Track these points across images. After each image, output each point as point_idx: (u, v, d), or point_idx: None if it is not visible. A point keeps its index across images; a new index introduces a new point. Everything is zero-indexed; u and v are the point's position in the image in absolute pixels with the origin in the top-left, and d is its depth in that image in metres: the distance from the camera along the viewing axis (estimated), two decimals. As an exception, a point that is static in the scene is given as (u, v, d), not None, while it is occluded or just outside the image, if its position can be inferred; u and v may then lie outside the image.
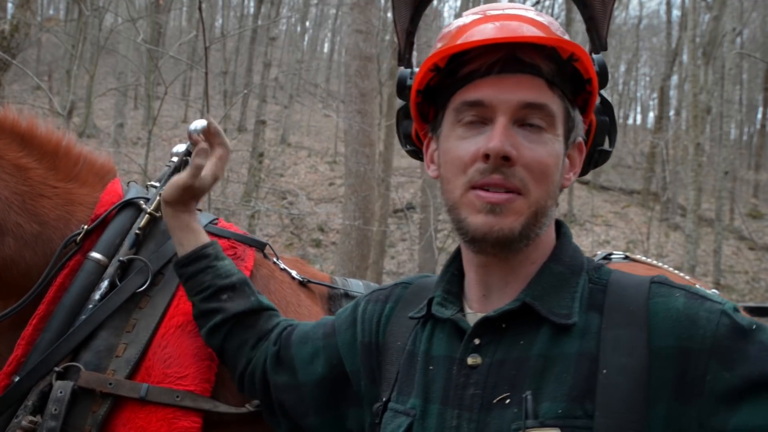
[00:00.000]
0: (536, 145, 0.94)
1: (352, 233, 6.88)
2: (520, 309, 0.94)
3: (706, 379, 0.84)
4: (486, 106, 0.94)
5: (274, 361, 1.23)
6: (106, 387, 1.23)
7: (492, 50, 0.94)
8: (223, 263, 1.31)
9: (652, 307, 0.90)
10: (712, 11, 14.44)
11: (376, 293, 1.21)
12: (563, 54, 0.96)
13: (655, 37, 32.21)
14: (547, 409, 0.86)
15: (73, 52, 9.63)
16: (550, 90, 0.95)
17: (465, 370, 0.94)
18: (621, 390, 0.85)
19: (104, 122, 18.81)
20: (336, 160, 19.47)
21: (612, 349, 0.88)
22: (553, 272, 0.98)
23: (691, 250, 11.86)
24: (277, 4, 17.25)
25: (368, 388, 1.13)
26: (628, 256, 1.59)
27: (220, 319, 1.26)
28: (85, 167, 1.48)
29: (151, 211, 1.43)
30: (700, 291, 0.92)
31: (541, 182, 0.94)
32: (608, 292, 0.95)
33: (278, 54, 25.59)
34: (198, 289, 1.28)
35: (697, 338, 0.85)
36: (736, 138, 25.15)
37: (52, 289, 1.32)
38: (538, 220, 0.95)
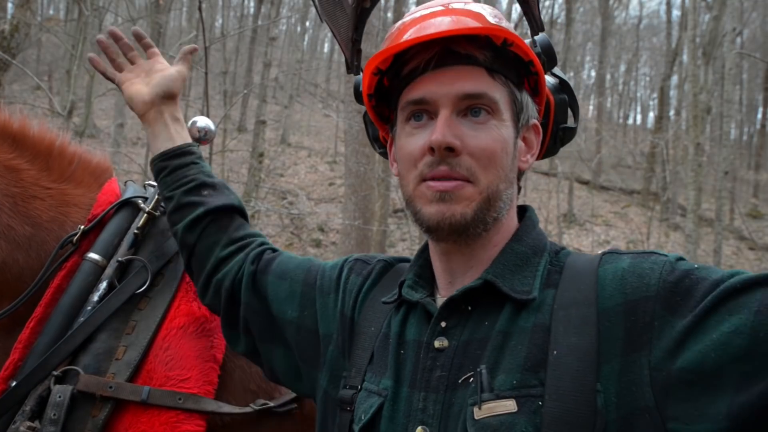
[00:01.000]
0: (480, 133, 0.96)
1: (352, 233, 6.87)
2: (483, 287, 0.96)
3: (654, 325, 0.83)
4: (428, 102, 0.97)
5: (250, 280, 1.22)
6: (106, 390, 1.21)
7: (428, 47, 0.96)
8: (205, 164, 1.36)
9: (600, 274, 0.92)
10: (712, 11, 14.43)
11: (360, 263, 1.21)
12: (497, 41, 0.97)
13: (655, 37, 32.22)
14: (502, 381, 0.88)
15: (73, 52, 9.63)
16: (491, 77, 0.97)
17: (432, 353, 0.96)
18: (570, 371, 0.85)
19: (104, 122, 18.81)
20: (336, 160, 19.47)
21: (564, 329, 0.89)
22: (515, 252, 1.00)
23: (691, 250, 11.85)
24: (277, 4, 17.25)
25: (333, 356, 1.13)
26: None
27: (201, 212, 1.27)
28: (79, 167, 1.46)
29: (150, 210, 1.41)
30: (648, 251, 0.93)
31: (488, 168, 0.96)
32: (564, 272, 0.97)
33: (278, 54, 25.60)
34: (182, 181, 1.30)
35: (641, 288, 0.86)
36: (736, 138, 25.17)
37: (50, 291, 1.30)
38: (492, 204, 0.97)
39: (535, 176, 19.56)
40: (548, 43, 1.09)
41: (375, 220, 8.40)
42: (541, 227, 1.10)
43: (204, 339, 1.31)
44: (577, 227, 17.42)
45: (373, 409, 0.98)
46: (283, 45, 29.82)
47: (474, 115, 0.96)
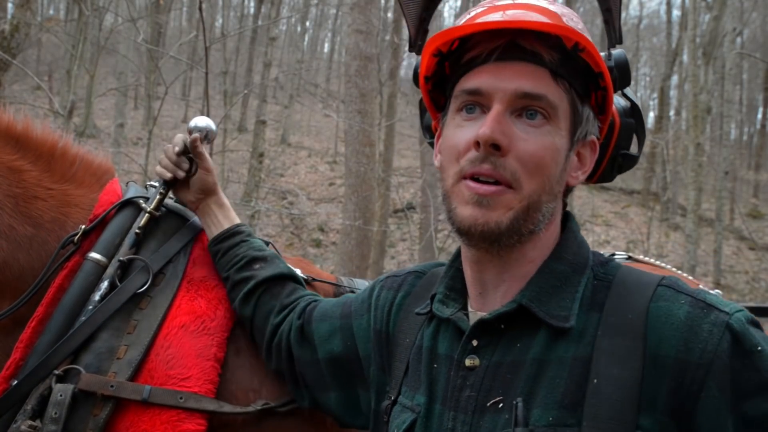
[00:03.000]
0: (532, 137, 0.90)
1: (352, 233, 6.87)
2: (517, 311, 0.91)
3: (700, 396, 0.81)
4: (483, 94, 0.91)
5: (298, 334, 1.25)
6: (107, 389, 1.21)
7: (494, 37, 0.91)
8: (256, 240, 1.42)
9: (652, 311, 0.86)
10: (712, 11, 14.43)
11: (390, 279, 1.20)
12: (567, 43, 0.91)
13: (655, 37, 32.21)
14: (538, 416, 0.84)
15: (73, 52, 9.63)
16: (554, 81, 0.91)
17: (462, 372, 0.93)
18: (610, 401, 0.82)
19: (104, 122, 18.81)
20: (336, 160, 19.46)
21: (606, 359, 0.85)
22: (554, 271, 0.94)
23: (691, 250, 11.85)
24: (277, 4, 17.24)
25: (376, 375, 1.13)
26: (631, 257, 1.57)
27: (252, 285, 1.32)
28: (81, 168, 1.47)
29: (151, 210, 1.42)
30: (708, 298, 0.87)
31: (534, 176, 0.90)
32: (612, 291, 0.91)
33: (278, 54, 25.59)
34: (233, 261, 1.36)
35: (696, 352, 0.82)
36: (736, 138, 25.17)
37: (51, 291, 1.30)
38: (530, 215, 0.91)
39: (535, 176, 19.52)
40: (625, 60, 1.02)
41: (375, 220, 8.40)
42: None
43: (205, 337, 1.30)
44: (577, 227, 17.40)
45: (406, 425, 0.97)
46: (283, 45, 29.80)
47: (529, 117, 0.91)
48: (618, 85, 1.03)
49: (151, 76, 11.82)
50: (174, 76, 11.62)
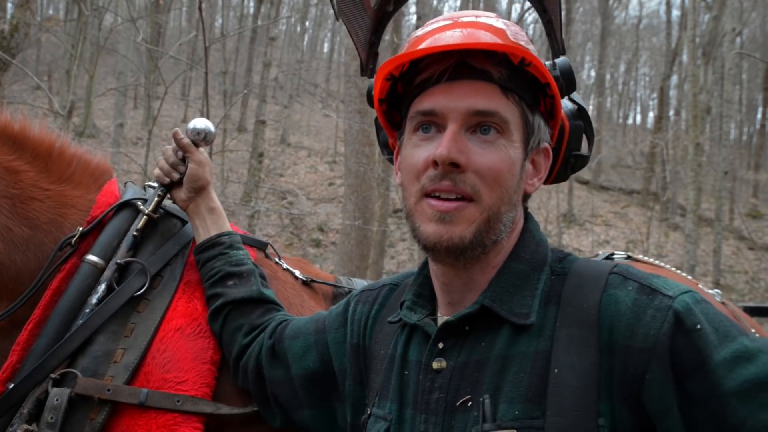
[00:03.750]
0: (488, 152, 0.93)
1: (351, 233, 6.87)
2: (479, 312, 0.94)
3: (645, 378, 0.83)
4: (437, 114, 0.95)
5: (269, 354, 1.25)
6: (104, 393, 1.20)
7: (444, 58, 0.94)
8: (236, 252, 1.40)
9: (604, 301, 0.89)
10: (712, 11, 14.43)
11: (365, 293, 1.21)
12: (514, 59, 0.95)
13: (655, 37, 32.21)
14: (504, 411, 0.87)
15: (73, 52, 9.62)
16: (504, 95, 0.95)
17: (431, 375, 0.95)
18: (571, 389, 0.85)
19: (104, 122, 18.81)
20: (336, 160, 19.46)
21: (564, 349, 0.88)
22: (513, 271, 0.97)
23: (690, 250, 11.85)
24: (277, 4, 17.25)
25: (352, 389, 1.14)
26: (630, 256, 1.57)
27: (220, 303, 1.33)
28: (79, 168, 1.45)
29: (149, 212, 1.41)
30: (654, 283, 0.90)
31: (493, 188, 0.93)
32: (567, 282, 0.95)
33: (278, 54, 25.60)
34: (209, 274, 1.37)
35: (640, 336, 0.85)
36: (735, 138, 25.17)
37: (48, 293, 1.30)
38: (492, 226, 0.94)
39: (534, 176, 19.53)
40: (568, 68, 1.06)
41: (375, 220, 8.40)
42: (541, 227, 1.08)
43: (201, 340, 1.30)
44: (576, 227, 17.42)
45: None
46: (283, 45, 29.80)
47: (483, 132, 0.94)
48: (564, 91, 1.07)
49: (150, 76, 11.81)
50: (174, 76, 11.62)
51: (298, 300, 1.50)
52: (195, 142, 1.43)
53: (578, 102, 1.13)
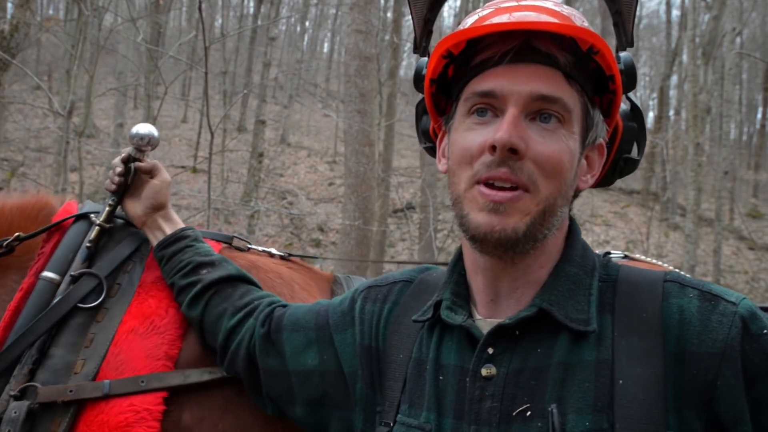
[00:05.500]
0: (548, 140, 0.88)
1: (351, 233, 6.86)
2: (537, 315, 0.89)
3: (717, 384, 0.82)
4: (497, 96, 0.89)
5: (264, 342, 1.19)
6: (66, 395, 1.18)
7: (507, 39, 0.89)
8: (202, 245, 1.36)
9: (665, 310, 0.87)
10: (712, 11, 14.43)
11: (373, 290, 1.14)
12: (582, 46, 0.89)
13: (655, 37, 32.22)
14: (574, 422, 0.83)
15: (73, 52, 9.62)
16: (568, 84, 0.90)
17: (480, 382, 0.89)
18: (638, 401, 0.82)
19: (104, 122, 18.80)
20: (336, 160, 19.45)
21: (627, 359, 0.85)
22: (568, 274, 0.93)
23: (690, 250, 11.84)
24: (277, 4, 17.24)
25: (363, 392, 1.07)
26: (627, 255, 1.57)
27: (199, 288, 1.27)
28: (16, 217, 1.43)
29: (101, 222, 1.40)
30: (714, 289, 0.88)
31: (551, 179, 0.88)
32: (618, 290, 0.91)
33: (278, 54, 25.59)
34: (177, 267, 1.31)
35: (708, 342, 0.83)
36: (735, 138, 25.15)
37: (7, 314, 1.29)
38: (546, 219, 0.89)
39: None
40: (632, 63, 1.00)
41: (375, 220, 8.39)
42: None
43: (155, 337, 1.28)
44: (576, 227, 17.40)
45: None
46: (283, 45, 29.79)
47: (543, 120, 0.89)
48: (625, 87, 1.01)
49: (150, 76, 11.82)
50: (173, 76, 11.62)
51: (286, 290, 1.45)
52: (140, 148, 1.42)
53: (634, 102, 1.07)
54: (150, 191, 1.40)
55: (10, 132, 14.96)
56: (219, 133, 13.47)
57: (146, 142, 1.42)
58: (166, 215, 1.41)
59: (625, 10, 1.01)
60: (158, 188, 1.40)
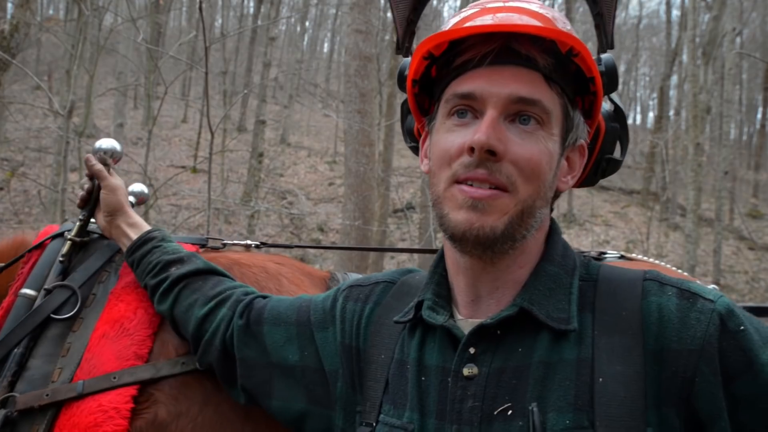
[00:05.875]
0: (527, 142, 0.89)
1: (351, 233, 6.86)
2: (517, 314, 0.90)
3: (695, 381, 0.83)
4: (476, 98, 0.90)
5: (242, 334, 1.18)
6: (43, 399, 1.21)
7: (488, 40, 0.90)
8: (170, 243, 1.37)
9: (644, 308, 0.88)
10: (712, 11, 14.43)
11: (355, 290, 1.14)
12: (562, 48, 0.90)
13: (655, 37, 32.21)
14: (554, 420, 0.83)
15: (73, 52, 9.62)
16: (548, 85, 0.90)
17: (461, 382, 0.90)
18: (618, 399, 0.83)
19: (104, 122, 18.80)
20: (336, 160, 19.45)
21: (607, 358, 0.86)
22: (548, 273, 0.94)
23: (690, 250, 11.85)
24: (277, 4, 17.24)
25: (344, 391, 1.07)
26: (624, 255, 1.55)
27: (168, 283, 1.28)
28: None
29: (72, 237, 1.45)
30: (692, 287, 0.89)
31: (529, 180, 0.89)
32: (598, 290, 0.92)
33: (278, 54, 25.61)
34: (147, 269, 1.32)
35: (687, 339, 0.84)
36: (735, 138, 25.19)
37: None
38: (524, 220, 0.90)
39: (534, 176, 19.53)
40: (613, 65, 1.01)
41: (375, 220, 8.39)
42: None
43: (124, 339, 1.30)
44: (576, 227, 17.42)
45: None
46: (283, 45, 29.80)
47: (522, 122, 0.90)
48: (606, 89, 1.02)
49: (150, 76, 11.83)
50: (174, 75, 11.61)
51: (272, 284, 1.45)
52: (103, 162, 1.47)
53: (617, 103, 1.08)
54: (102, 198, 1.44)
55: (10, 132, 14.97)
56: (219, 133, 13.47)
57: (109, 155, 1.49)
58: (129, 220, 1.43)
59: (606, 12, 1.02)
60: (105, 195, 1.43)
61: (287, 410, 1.14)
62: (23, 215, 12.12)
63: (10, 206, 11.96)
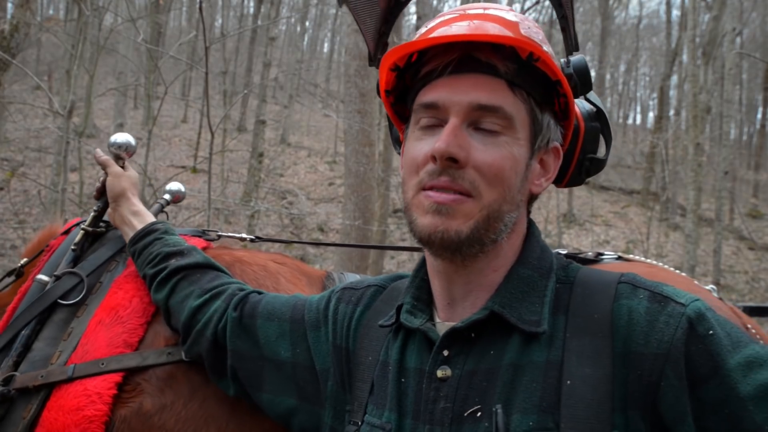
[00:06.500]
0: (489, 148, 0.91)
1: (351, 233, 6.87)
2: (489, 318, 0.92)
3: (660, 385, 0.83)
4: (439, 107, 0.92)
5: (236, 326, 1.20)
6: (38, 380, 1.26)
7: (449, 50, 0.92)
8: (172, 236, 1.40)
9: (615, 311, 0.88)
10: (712, 11, 14.43)
11: (348, 292, 1.17)
12: (522, 54, 0.91)
13: (655, 37, 32.23)
14: (518, 421, 0.85)
15: (73, 52, 9.61)
16: (511, 91, 0.92)
17: (435, 384, 0.92)
18: (585, 401, 0.83)
19: (104, 122, 18.80)
20: (336, 160, 19.46)
21: (576, 360, 0.86)
22: (521, 276, 0.95)
23: (690, 250, 11.84)
24: (277, 4, 17.25)
25: (334, 390, 1.10)
26: (621, 257, 1.55)
27: (166, 273, 1.31)
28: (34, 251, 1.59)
29: (85, 227, 1.51)
30: (665, 291, 0.89)
31: (493, 185, 0.91)
32: (574, 292, 0.93)
33: (278, 54, 25.62)
34: (147, 259, 1.36)
35: (654, 343, 0.84)
36: (735, 138, 25.19)
37: (6, 314, 1.41)
38: (491, 225, 0.92)
39: (534, 176, 19.53)
40: (583, 66, 1.01)
41: (375, 220, 8.39)
42: (541, 227, 1.06)
43: (117, 326, 1.33)
44: (576, 227, 17.42)
45: None
46: (283, 45, 29.81)
47: (486, 128, 0.91)
48: (579, 90, 1.02)
49: (150, 76, 11.82)
50: (174, 76, 11.61)
51: (270, 282, 1.48)
52: (117, 156, 1.54)
53: (595, 103, 1.08)
54: (107, 185, 1.49)
55: (10, 132, 14.97)
56: (219, 133, 13.47)
57: (123, 149, 1.55)
58: (132, 208, 1.46)
59: (569, 15, 1.03)
60: (109, 181, 1.49)
61: (277, 404, 1.17)
62: (23, 215, 12.12)
63: (10, 206, 11.95)
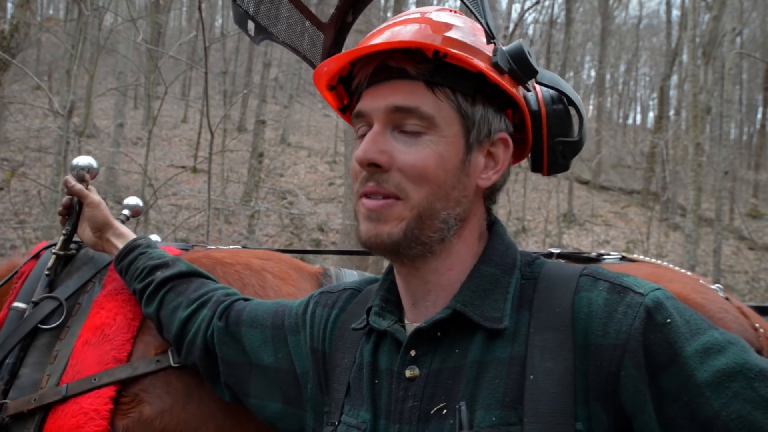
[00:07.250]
0: (412, 149, 0.92)
1: (351, 233, 6.88)
2: (452, 317, 0.92)
3: (619, 375, 0.83)
4: (365, 116, 0.96)
5: (222, 334, 1.24)
6: (31, 403, 1.27)
7: (369, 62, 0.96)
8: (155, 250, 1.43)
9: (576, 304, 0.89)
10: (712, 11, 14.43)
11: (324, 295, 1.19)
12: (428, 53, 0.93)
13: (655, 37, 32.24)
14: (481, 417, 0.86)
15: (73, 52, 9.62)
16: (431, 91, 0.93)
17: (404, 383, 0.94)
18: (547, 395, 0.84)
19: (104, 122, 18.81)
20: (336, 160, 19.46)
21: (539, 354, 0.87)
22: (484, 274, 0.96)
23: (690, 249, 11.85)
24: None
25: (313, 393, 1.12)
26: (624, 257, 1.55)
27: (153, 286, 1.34)
28: None
29: (56, 251, 1.51)
30: (625, 281, 0.89)
31: (419, 185, 0.91)
32: (538, 287, 0.94)
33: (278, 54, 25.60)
34: (134, 275, 1.39)
35: (612, 334, 0.85)
36: (736, 138, 25.21)
37: None
38: (426, 223, 0.92)
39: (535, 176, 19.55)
40: (518, 52, 0.96)
41: (375, 220, 8.39)
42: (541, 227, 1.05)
43: (105, 345, 1.35)
44: (577, 227, 17.42)
45: None
46: (283, 45, 29.74)
47: (408, 130, 0.93)
48: (521, 77, 0.97)
49: (150, 76, 11.81)
50: (174, 75, 11.62)
51: (255, 280, 1.49)
52: (81, 178, 1.53)
53: (553, 86, 1.04)
54: (86, 215, 1.50)
55: (10, 132, 14.97)
56: (219, 133, 13.48)
57: (86, 170, 1.55)
58: (116, 232, 1.49)
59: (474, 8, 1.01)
60: (89, 212, 1.50)
61: (263, 408, 1.20)
62: (23, 215, 12.13)
63: (10, 206, 11.95)
